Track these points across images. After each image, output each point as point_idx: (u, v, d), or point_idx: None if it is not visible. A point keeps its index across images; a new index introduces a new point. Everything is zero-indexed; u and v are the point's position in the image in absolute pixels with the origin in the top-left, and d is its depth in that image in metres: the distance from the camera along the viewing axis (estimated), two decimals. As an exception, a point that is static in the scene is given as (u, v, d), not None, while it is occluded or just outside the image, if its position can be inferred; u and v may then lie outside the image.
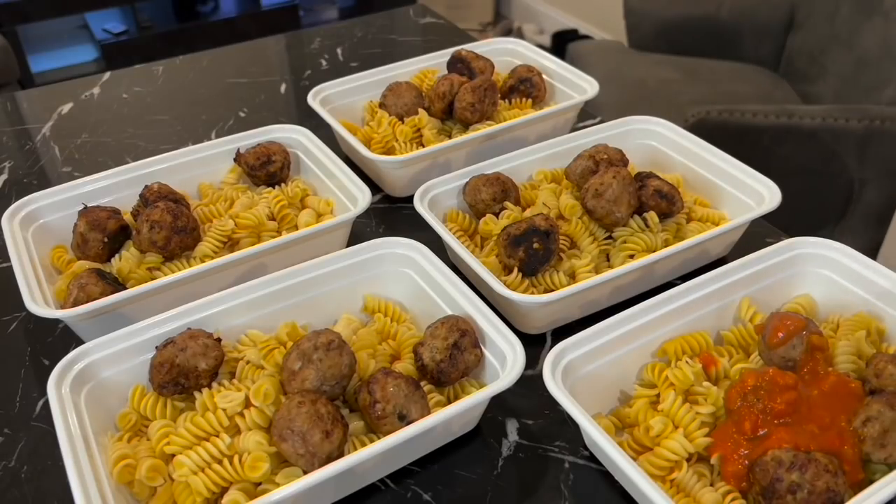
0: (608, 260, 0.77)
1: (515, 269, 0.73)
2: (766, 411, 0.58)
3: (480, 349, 0.64)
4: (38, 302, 0.68)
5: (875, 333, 0.66)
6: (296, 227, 0.82)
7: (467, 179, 0.82)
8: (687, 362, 0.63)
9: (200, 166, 0.89)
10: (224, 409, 0.59)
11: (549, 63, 1.06)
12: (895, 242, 1.60)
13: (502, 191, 0.80)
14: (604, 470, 0.61)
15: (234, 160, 0.89)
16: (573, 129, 0.99)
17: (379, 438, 0.55)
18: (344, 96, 1.02)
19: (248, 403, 0.59)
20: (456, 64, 1.03)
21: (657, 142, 0.91)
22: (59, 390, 0.59)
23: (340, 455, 0.56)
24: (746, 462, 0.56)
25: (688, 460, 0.58)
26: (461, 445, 0.64)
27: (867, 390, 0.60)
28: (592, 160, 0.82)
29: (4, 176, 1.00)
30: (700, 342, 0.66)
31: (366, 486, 0.61)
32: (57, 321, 0.75)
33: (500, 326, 0.63)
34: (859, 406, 0.58)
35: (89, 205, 0.80)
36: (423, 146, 0.93)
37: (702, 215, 0.82)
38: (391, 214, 0.92)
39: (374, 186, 0.93)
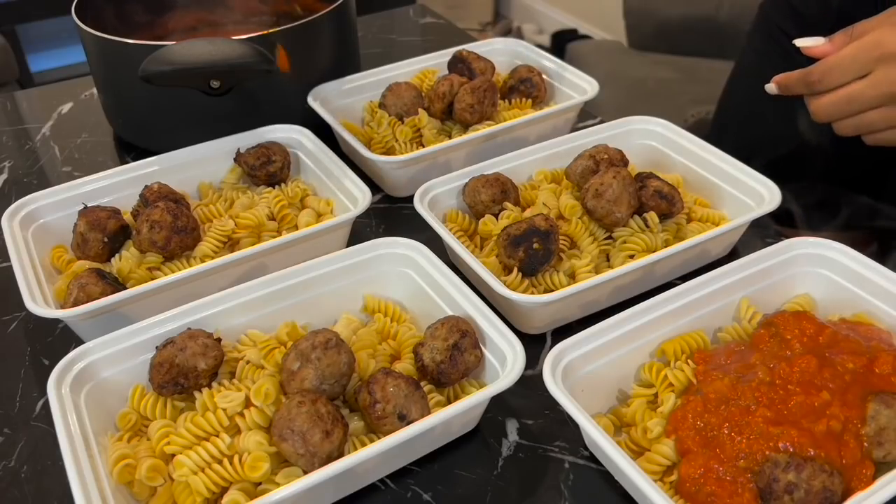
0: (608, 260, 0.77)
1: (515, 270, 0.73)
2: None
3: (481, 350, 0.64)
4: (38, 302, 0.68)
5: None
6: (296, 227, 0.82)
7: (467, 180, 0.82)
8: (687, 362, 0.64)
9: (200, 166, 0.89)
10: (224, 409, 0.59)
11: (549, 63, 1.06)
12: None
13: (501, 192, 0.80)
14: (604, 470, 0.61)
15: (234, 160, 0.89)
16: (573, 129, 0.99)
17: (379, 438, 0.55)
18: (344, 96, 1.02)
19: (248, 403, 0.60)
20: (457, 64, 1.03)
21: (657, 142, 0.91)
22: (59, 390, 0.59)
23: (340, 455, 0.56)
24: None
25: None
26: (461, 445, 0.64)
27: None
28: (593, 160, 0.82)
29: (4, 176, 1.00)
30: (698, 342, 0.66)
31: (366, 486, 0.61)
32: (57, 321, 0.75)
33: (500, 326, 0.63)
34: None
35: (89, 205, 0.80)
36: (423, 146, 0.93)
37: (702, 215, 0.82)
38: (391, 214, 0.92)
39: (374, 186, 0.93)
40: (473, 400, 0.58)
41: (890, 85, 0.68)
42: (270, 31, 0.92)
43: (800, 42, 0.72)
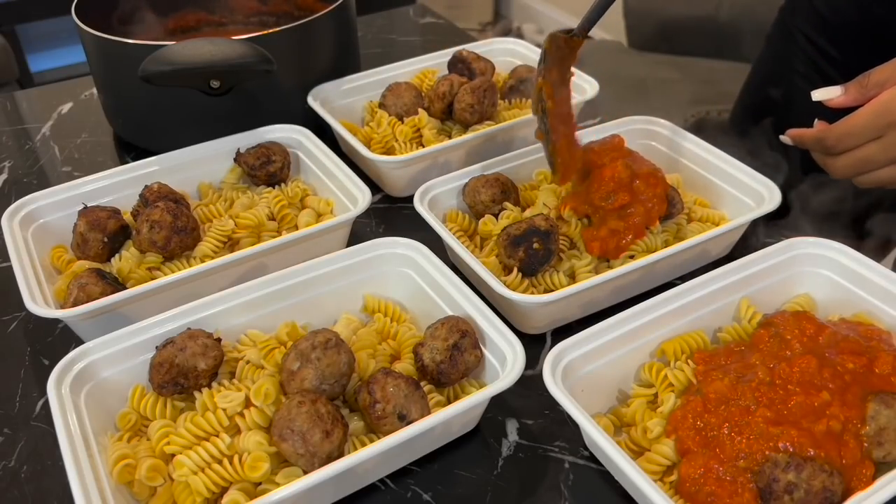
0: (608, 260, 0.77)
1: (515, 270, 0.73)
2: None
3: (481, 350, 0.64)
4: (38, 302, 0.68)
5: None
6: (296, 227, 0.82)
7: (467, 180, 0.82)
8: (687, 362, 0.64)
9: (200, 166, 0.89)
10: (224, 409, 0.59)
11: (549, 63, 1.06)
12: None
13: (501, 192, 0.80)
14: (604, 470, 0.61)
15: (234, 160, 0.89)
16: (573, 129, 0.99)
17: (379, 438, 0.55)
18: (344, 96, 1.02)
19: (248, 403, 0.60)
20: (457, 64, 1.03)
21: (657, 142, 0.91)
22: (59, 390, 0.59)
23: (340, 455, 0.56)
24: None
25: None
26: (461, 445, 0.64)
27: None
28: (592, 160, 0.82)
29: (4, 176, 1.00)
30: (698, 342, 0.66)
31: (366, 486, 0.61)
32: (57, 321, 0.75)
33: (500, 327, 0.63)
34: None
35: (89, 205, 0.80)
36: (423, 146, 0.93)
37: (702, 215, 0.82)
38: (391, 214, 0.92)
39: (374, 186, 0.93)
40: (473, 400, 0.58)
41: None
42: (270, 31, 0.92)
43: (816, 95, 0.77)
